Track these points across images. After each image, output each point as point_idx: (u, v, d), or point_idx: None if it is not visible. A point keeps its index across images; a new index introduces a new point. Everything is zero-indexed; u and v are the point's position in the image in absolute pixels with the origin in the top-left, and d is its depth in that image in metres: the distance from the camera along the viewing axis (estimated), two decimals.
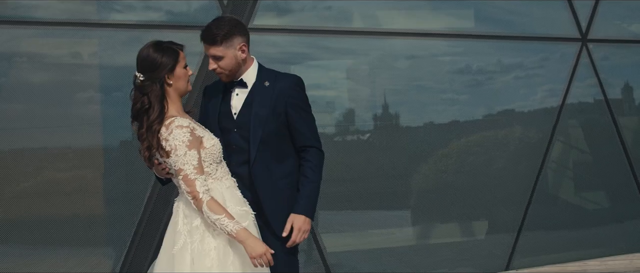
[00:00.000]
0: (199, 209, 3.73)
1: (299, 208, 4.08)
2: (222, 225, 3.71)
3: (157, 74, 3.76)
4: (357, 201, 7.31)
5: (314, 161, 4.11)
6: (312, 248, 6.99)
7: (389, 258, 7.40)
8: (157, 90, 3.75)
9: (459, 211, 7.73)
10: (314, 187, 4.12)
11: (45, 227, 6.14)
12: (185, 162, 3.71)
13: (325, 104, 7.41)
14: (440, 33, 7.66)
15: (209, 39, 3.98)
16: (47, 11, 6.36)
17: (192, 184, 3.71)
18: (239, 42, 4.01)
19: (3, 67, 6.29)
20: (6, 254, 6.06)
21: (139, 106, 3.77)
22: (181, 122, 3.75)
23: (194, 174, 3.71)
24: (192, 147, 3.73)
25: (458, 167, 7.63)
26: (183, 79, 3.85)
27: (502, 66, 7.98)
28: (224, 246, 3.77)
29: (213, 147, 3.84)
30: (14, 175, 6.11)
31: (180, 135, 3.71)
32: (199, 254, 3.73)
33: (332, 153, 7.30)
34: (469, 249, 7.80)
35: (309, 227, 4.10)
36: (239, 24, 4.08)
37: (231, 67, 4.03)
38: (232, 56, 4.00)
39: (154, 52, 3.77)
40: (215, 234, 3.76)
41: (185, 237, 3.79)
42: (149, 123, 3.74)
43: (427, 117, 7.70)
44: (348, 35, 7.28)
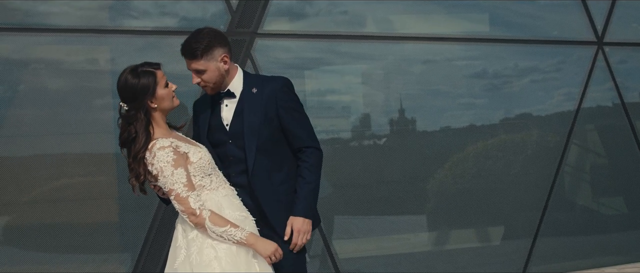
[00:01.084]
0: (201, 226, 3.69)
1: (296, 211, 4.02)
2: (229, 236, 3.69)
3: (139, 102, 3.71)
4: (373, 206, 7.25)
5: (310, 161, 4.05)
6: (325, 254, 6.97)
7: (405, 264, 7.36)
8: (142, 118, 3.71)
9: (475, 216, 7.64)
10: (311, 187, 4.04)
11: (61, 233, 6.14)
12: (174, 181, 3.67)
13: (341, 109, 7.38)
14: (456, 37, 7.59)
15: (189, 53, 3.90)
16: (63, 18, 6.35)
17: (185, 202, 3.67)
18: (220, 54, 3.93)
19: (20, 74, 6.29)
20: (23, 260, 6.09)
21: (126, 136, 3.74)
22: (162, 143, 3.70)
23: (185, 192, 3.67)
24: (177, 165, 3.68)
25: (475, 171, 7.56)
26: (166, 98, 3.78)
27: (518, 70, 7.90)
28: (226, 255, 3.71)
29: (200, 160, 3.78)
30: (30, 181, 6.10)
31: (164, 156, 3.67)
32: (198, 266, 3.68)
33: (348, 158, 7.26)
34: (484, 255, 7.71)
35: (309, 228, 4.05)
36: (219, 35, 3.98)
37: (215, 80, 3.95)
38: (215, 68, 3.92)
39: (132, 78, 3.70)
40: (214, 244, 3.71)
41: (185, 251, 3.76)
42: (135, 153, 3.71)
43: (444, 122, 7.63)
44: (363, 40, 7.24)
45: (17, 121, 6.16)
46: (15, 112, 6.20)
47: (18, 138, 6.13)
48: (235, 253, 3.73)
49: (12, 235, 6.12)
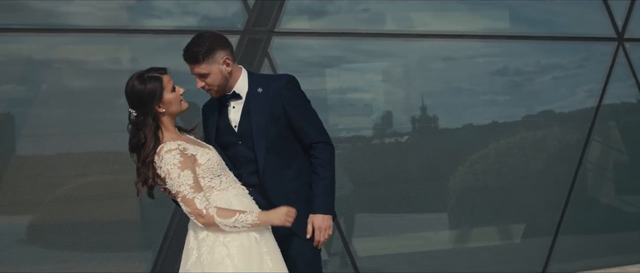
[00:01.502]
0: (212, 225, 3.67)
1: (315, 208, 4.01)
2: (242, 223, 3.67)
3: (147, 107, 3.71)
4: (394, 204, 7.22)
5: (322, 157, 4.03)
6: (344, 252, 6.95)
7: (426, 262, 7.32)
8: (151, 124, 3.72)
9: (495, 214, 7.58)
10: (326, 183, 4.03)
11: (85, 231, 6.15)
12: (181, 183, 3.66)
13: (362, 107, 7.35)
14: (477, 34, 7.52)
15: (191, 58, 3.89)
16: (85, 18, 6.37)
17: (191, 203, 3.66)
18: (222, 56, 3.90)
19: (44, 74, 6.32)
20: (47, 257, 6.12)
21: (136, 141, 3.74)
22: (170, 146, 3.70)
23: (192, 193, 3.66)
24: (184, 167, 3.68)
25: (497, 168, 7.52)
26: (174, 102, 3.78)
27: (540, 67, 7.84)
28: (238, 252, 3.69)
29: (209, 161, 3.77)
30: (55, 179, 6.12)
31: (171, 158, 3.67)
32: (210, 265, 3.67)
33: (369, 156, 7.23)
34: (505, 253, 7.65)
35: (330, 223, 4.04)
36: (219, 38, 3.96)
37: (219, 82, 3.94)
38: (217, 71, 3.90)
39: (138, 84, 3.71)
40: (226, 242, 3.69)
41: (196, 251, 3.76)
42: (144, 157, 3.72)
43: (466, 119, 7.59)
44: (384, 38, 7.21)
45: (40, 120, 6.18)
46: (39, 111, 6.22)
47: (41, 137, 6.16)
48: (247, 250, 3.71)
49: (37, 234, 6.14)
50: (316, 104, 7.14)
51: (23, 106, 6.24)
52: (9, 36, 6.14)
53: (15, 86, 6.30)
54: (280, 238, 3.94)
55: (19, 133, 6.16)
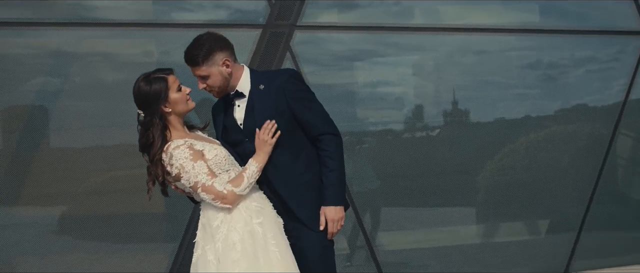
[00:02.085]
0: (235, 198, 3.74)
1: (327, 200, 4.00)
2: (252, 175, 3.78)
3: (153, 108, 3.77)
4: (423, 197, 7.17)
5: (329, 149, 4.01)
6: (366, 245, 6.94)
7: (454, 256, 7.29)
8: (158, 123, 3.78)
9: (523, 209, 7.47)
10: (336, 174, 4.00)
11: (114, 222, 6.19)
12: (197, 173, 3.72)
13: (393, 100, 7.31)
14: (509, 28, 7.44)
15: (190, 60, 3.91)
16: (118, 12, 6.40)
17: (212, 188, 3.72)
18: (221, 58, 3.91)
19: (77, 67, 6.36)
20: (77, 248, 6.17)
21: (144, 141, 3.81)
22: (177, 143, 3.76)
23: (209, 180, 3.72)
24: (196, 159, 3.73)
25: (526, 163, 7.42)
26: (180, 101, 3.83)
27: (574, 60, 7.72)
28: (249, 236, 3.75)
29: (216, 157, 3.82)
30: (86, 172, 6.16)
31: (180, 154, 3.73)
32: (223, 251, 3.72)
33: (400, 150, 7.19)
34: (533, 247, 7.53)
35: (342, 214, 4.03)
36: (219, 40, 3.96)
37: (219, 84, 3.95)
38: (217, 73, 3.91)
39: (144, 85, 3.78)
40: (239, 228, 3.74)
41: (202, 244, 3.83)
42: (152, 156, 3.79)
43: (498, 113, 7.52)
44: (415, 32, 7.17)
45: (73, 113, 6.20)
46: (71, 104, 6.25)
47: (74, 130, 6.20)
48: (254, 236, 3.78)
49: (68, 225, 6.19)
50: (346, 97, 7.22)
51: (55, 99, 6.29)
52: (41, 30, 6.19)
53: (47, 79, 6.35)
54: (290, 232, 3.97)
55: (50, 125, 6.22)
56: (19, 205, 6.08)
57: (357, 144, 7.05)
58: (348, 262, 6.91)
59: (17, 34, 6.20)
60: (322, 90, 6.93)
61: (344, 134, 7.29)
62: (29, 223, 6.17)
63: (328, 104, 6.90)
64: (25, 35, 6.23)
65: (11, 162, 6.12)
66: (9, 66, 6.20)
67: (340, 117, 7.02)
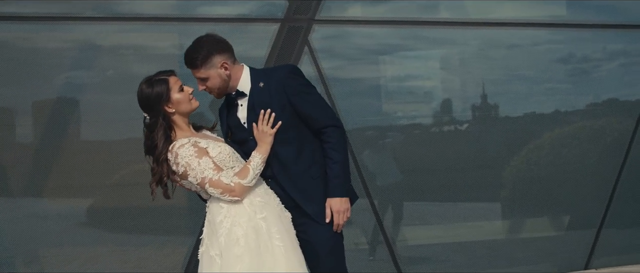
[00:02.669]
0: (243, 190, 3.76)
1: (331, 192, 3.99)
2: (257, 166, 3.79)
3: (156, 109, 3.81)
4: (448, 193, 7.12)
5: (332, 140, 3.99)
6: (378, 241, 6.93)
7: (479, 251, 7.24)
8: (162, 124, 3.82)
9: (546, 205, 7.34)
10: (340, 166, 3.99)
11: (142, 215, 6.22)
12: (203, 169, 3.73)
13: (422, 94, 7.27)
14: (539, 23, 7.30)
15: (189, 63, 3.94)
16: (150, 6, 6.46)
17: (219, 182, 3.74)
18: (220, 61, 3.90)
19: (109, 60, 6.43)
20: (105, 240, 6.24)
21: (149, 143, 3.85)
22: (181, 142, 3.80)
23: (216, 174, 3.74)
24: (201, 155, 3.76)
25: (551, 159, 7.31)
26: (183, 101, 3.85)
27: (606, 53, 7.59)
28: (253, 231, 3.75)
29: (220, 154, 3.83)
30: (114, 165, 6.20)
31: (186, 151, 3.75)
32: (226, 246, 3.73)
33: (427, 144, 7.14)
34: (557, 243, 7.43)
35: (348, 206, 4.02)
36: (218, 43, 3.96)
37: (218, 86, 3.95)
38: (216, 75, 3.91)
39: (146, 88, 3.82)
40: (242, 223, 3.75)
41: (207, 240, 3.85)
42: (157, 156, 3.82)
43: (527, 108, 7.43)
44: (444, 26, 7.11)
45: (105, 106, 6.27)
46: (104, 97, 6.31)
47: (105, 123, 6.26)
48: (258, 231, 3.78)
49: (96, 217, 6.26)
50: (375, 91, 7.19)
51: (88, 92, 6.38)
52: (73, 24, 6.27)
53: (81, 72, 6.43)
54: (300, 227, 3.97)
55: (81, 118, 6.30)
56: (48, 197, 6.16)
57: (384, 138, 7.03)
58: (371, 256, 6.91)
59: (49, 28, 6.27)
60: (350, 85, 6.94)
61: (371, 129, 7.36)
62: (57, 216, 6.25)
63: (355, 98, 6.96)
64: (57, 29, 6.30)
65: (42, 155, 6.21)
66: (41, 59, 6.28)
67: (367, 111, 7.03)
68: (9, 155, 6.19)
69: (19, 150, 6.24)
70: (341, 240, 4.10)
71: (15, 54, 6.20)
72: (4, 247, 6.14)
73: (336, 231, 4.02)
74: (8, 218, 6.12)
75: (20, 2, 6.12)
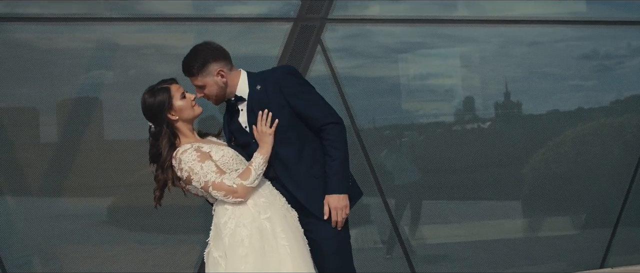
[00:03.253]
0: (246, 191, 3.78)
1: (329, 189, 4.00)
2: (259, 167, 3.82)
3: (160, 117, 3.87)
4: (468, 191, 7.08)
5: (331, 138, 4.00)
6: (395, 239, 6.90)
7: (500, 249, 7.17)
8: (166, 131, 3.87)
9: (565, 203, 7.25)
10: (338, 163, 3.99)
11: (161, 214, 6.24)
12: (206, 172, 3.76)
13: (443, 92, 7.23)
14: (564, 20, 7.24)
15: (186, 71, 3.98)
16: (171, 6, 6.48)
17: (222, 185, 3.76)
18: (216, 68, 3.93)
19: (132, 60, 6.46)
20: (125, 238, 6.27)
21: (154, 151, 3.91)
22: (184, 148, 3.83)
23: (218, 177, 3.76)
24: (204, 159, 3.78)
25: (572, 156, 7.22)
26: (186, 108, 3.90)
27: (630, 49, 7.48)
28: (257, 232, 3.76)
29: (223, 157, 3.86)
30: (135, 164, 6.21)
31: (188, 156, 3.79)
32: (230, 246, 3.74)
33: (448, 142, 7.10)
34: (577, 241, 7.33)
35: (346, 202, 4.02)
36: (214, 51, 3.99)
37: (215, 93, 3.99)
38: (213, 83, 3.95)
39: (148, 98, 3.90)
40: (247, 223, 3.76)
41: (212, 242, 3.86)
42: (161, 163, 3.87)
43: (552, 105, 7.35)
44: (465, 24, 7.06)
45: (127, 105, 6.26)
46: (126, 96, 6.34)
47: (128, 122, 6.27)
48: (262, 231, 3.79)
49: (116, 216, 6.30)
50: (396, 89, 7.15)
51: (111, 91, 6.41)
52: (97, 24, 6.31)
53: (104, 72, 6.47)
54: (306, 226, 3.99)
55: (105, 117, 6.34)
56: (69, 196, 6.21)
57: (404, 137, 6.99)
58: (388, 254, 6.88)
59: (73, 28, 6.32)
60: (371, 83, 6.91)
61: (392, 127, 7.32)
62: (80, 215, 6.31)
63: (376, 96, 6.93)
64: (81, 30, 6.34)
65: (65, 154, 6.27)
66: (65, 60, 6.33)
67: (388, 109, 7.00)
68: (33, 155, 6.24)
69: (43, 150, 6.29)
70: (347, 239, 4.10)
71: (38, 55, 6.25)
72: (25, 245, 6.19)
73: (337, 228, 4.03)
74: (30, 216, 6.18)
75: (41, 3, 6.17)
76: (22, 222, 6.18)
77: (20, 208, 6.20)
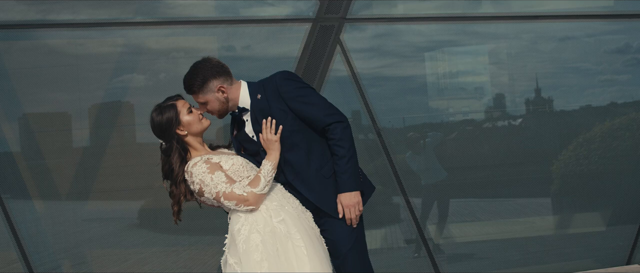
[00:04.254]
0: (257, 199, 3.80)
1: (340, 188, 4.01)
2: (268, 174, 3.84)
3: (168, 134, 3.91)
4: (498, 188, 7.01)
5: (336, 136, 3.99)
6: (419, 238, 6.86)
7: (532, 247, 7.07)
8: (176, 147, 3.91)
9: (593, 199, 7.16)
10: (345, 161, 4.00)
11: (190, 216, 6.27)
12: (216, 183, 3.77)
13: (473, 90, 7.17)
14: (595, 14, 7.12)
15: (187, 89, 4.03)
16: (200, 9, 6.50)
17: (232, 194, 3.78)
18: (216, 85, 3.96)
19: (162, 64, 6.49)
20: (156, 241, 6.30)
21: (167, 167, 3.94)
22: (194, 161, 3.85)
23: (229, 187, 3.77)
24: (213, 170, 3.80)
25: (601, 152, 7.13)
26: (193, 122, 3.94)
27: None
28: (270, 236, 3.77)
29: (233, 166, 3.88)
30: None
31: (199, 169, 3.81)
32: (245, 252, 3.75)
33: (479, 140, 7.05)
34: (608, 238, 7.21)
35: (358, 199, 4.02)
36: (214, 68, 4.00)
37: (218, 108, 4.02)
38: (214, 99, 3.98)
39: (156, 116, 3.95)
40: (260, 229, 3.77)
41: (228, 250, 3.88)
42: (174, 178, 3.90)
43: (584, 100, 7.26)
44: (494, 20, 6.98)
45: None
46: (157, 99, 6.36)
47: None
48: (276, 234, 3.81)
49: (147, 218, 6.33)
50: (425, 88, 7.10)
51: (142, 95, 6.43)
52: (128, 29, 6.32)
53: (135, 76, 6.50)
54: (322, 226, 4.01)
55: (136, 121, 6.38)
56: (103, 199, 6.24)
57: (432, 136, 6.95)
58: (416, 253, 6.86)
59: (104, 33, 6.36)
60: (400, 83, 6.89)
61: (421, 127, 7.27)
62: (112, 218, 6.35)
63: (406, 95, 6.90)
64: (111, 34, 6.36)
65: (98, 158, 6.31)
66: (96, 64, 6.37)
67: (418, 108, 6.96)
68: (66, 159, 6.28)
69: (76, 154, 6.34)
70: (363, 237, 4.11)
71: (70, 60, 6.28)
72: (59, 247, 6.24)
73: (352, 225, 4.03)
74: (63, 219, 6.22)
75: (73, 10, 6.20)
76: (53, 226, 6.24)
77: (50, 212, 6.25)
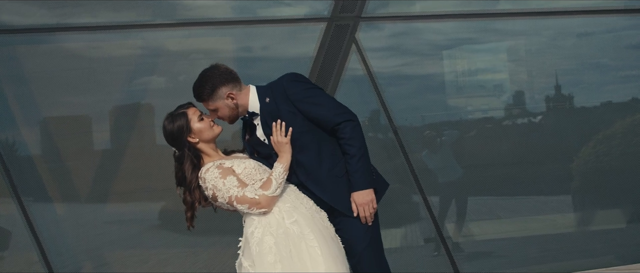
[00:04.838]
0: (269, 201, 3.80)
1: (353, 186, 4.00)
2: (280, 176, 3.84)
3: (180, 142, 3.92)
4: (518, 186, 6.96)
5: (346, 135, 3.97)
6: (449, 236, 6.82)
7: (551, 244, 7.02)
8: (189, 154, 3.93)
9: (614, 196, 7.08)
10: (357, 159, 3.98)
11: (210, 217, 6.30)
12: (228, 188, 3.78)
13: (492, 87, 7.14)
14: (615, 9, 7.01)
15: (197, 96, 4.03)
16: (217, 10, 6.52)
17: (245, 198, 3.78)
18: (226, 92, 3.97)
19: (181, 65, 6.51)
20: (176, 242, 6.30)
21: (180, 175, 3.97)
22: (207, 166, 3.86)
23: (241, 191, 3.77)
24: (225, 175, 3.80)
25: (623, 148, 7.07)
26: (205, 130, 3.94)
27: None
28: (284, 238, 3.77)
29: (245, 169, 3.88)
30: None
31: (211, 174, 3.82)
32: (258, 255, 3.75)
33: (498, 137, 7.00)
34: (615, 237, 7.18)
35: (371, 197, 4.01)
36: (222, 75, 4.00)
37: (228, 114, 4.03)
38: (224, 106, 3.99)
39: (168, 124, 3.95)
40: (273, 231, 3.77)
41: (242, 253, 3.89)
42: (188, 185, 3.92)
43: (604, 96, 7.20)
44: (514, 17, 6.96)
45: None
46: (177, 101, 6.36)
47: None
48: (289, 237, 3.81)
49: (168, 219, 6.34)
50: (444, 86, 7.07)
51: (162, 97, 6.44)
52: (148, 31, 6.34)
53: (154, 78, 6.52)
54: (337, 225, 4.01)
55: (158, 123, 6.39)
56: (124, 201, 6.27)
57: (450, 134, 6.93)
58: (436, 251, 6.84)
59: (123, 36, 6.38)
60: (420, 81, 6.86)
61: (440, 125, 7.24)
62: (133, 220, 6.37)
63: (425, 93, 6.87)
64: (130, 37, 6.38)
65: (119, 160, 6.34)
66: (116, 67, 6.38)
67: (437, 106, 6.94)
68: (87, 161, 6.31)
69: (96, 156, 6.36)
70: (378, 236, 4.10)
71: (89, 63, 6.29)
72: (80, 249, 6.27)
73: (367, 224, 4.02)
74: (84, 222, 6.25)
75: (92, 13, 6.23)
76: (74, 228, 6.28)
77: (71, 214, 6.29)
